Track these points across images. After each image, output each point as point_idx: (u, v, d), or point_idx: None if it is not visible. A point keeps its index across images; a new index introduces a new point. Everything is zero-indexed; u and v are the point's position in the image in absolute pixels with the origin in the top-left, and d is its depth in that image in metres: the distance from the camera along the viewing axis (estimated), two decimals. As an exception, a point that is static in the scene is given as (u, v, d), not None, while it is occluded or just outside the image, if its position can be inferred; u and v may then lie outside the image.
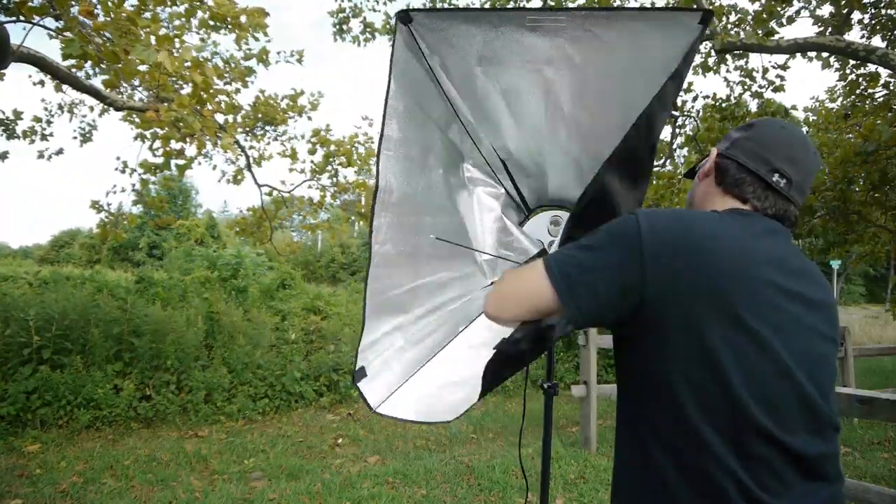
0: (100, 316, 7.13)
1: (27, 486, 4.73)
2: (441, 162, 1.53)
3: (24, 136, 8.88)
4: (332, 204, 10.78)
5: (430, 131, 1.46)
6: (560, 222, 1.69)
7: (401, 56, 1.33)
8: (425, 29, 1.33)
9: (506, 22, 1.29)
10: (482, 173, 1.61)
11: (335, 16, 9.91)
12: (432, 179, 1.53)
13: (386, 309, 1.48)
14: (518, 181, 1.66)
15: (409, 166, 1.43)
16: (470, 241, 1.63)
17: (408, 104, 1.38)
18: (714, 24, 7.15)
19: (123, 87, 7.28)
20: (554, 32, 1.27)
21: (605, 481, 4.97)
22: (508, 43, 1.31)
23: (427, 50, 1.35)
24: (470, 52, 1.35)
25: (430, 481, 4.96)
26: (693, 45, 1.21)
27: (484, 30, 1.30)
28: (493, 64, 1.36)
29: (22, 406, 6.09)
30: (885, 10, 7.72)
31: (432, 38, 1.34)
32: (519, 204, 1.71)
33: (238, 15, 5.76)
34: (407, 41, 1.33)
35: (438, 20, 1.32)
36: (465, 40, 1.33)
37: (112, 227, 8.24)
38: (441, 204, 1.56)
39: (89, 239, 31.32)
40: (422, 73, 1.38)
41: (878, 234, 9.95)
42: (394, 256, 1.43)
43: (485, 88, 1.41)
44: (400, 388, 1.51)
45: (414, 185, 1.46)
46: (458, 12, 1.34)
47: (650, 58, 1.25)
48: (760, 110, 8.23)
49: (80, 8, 4.66)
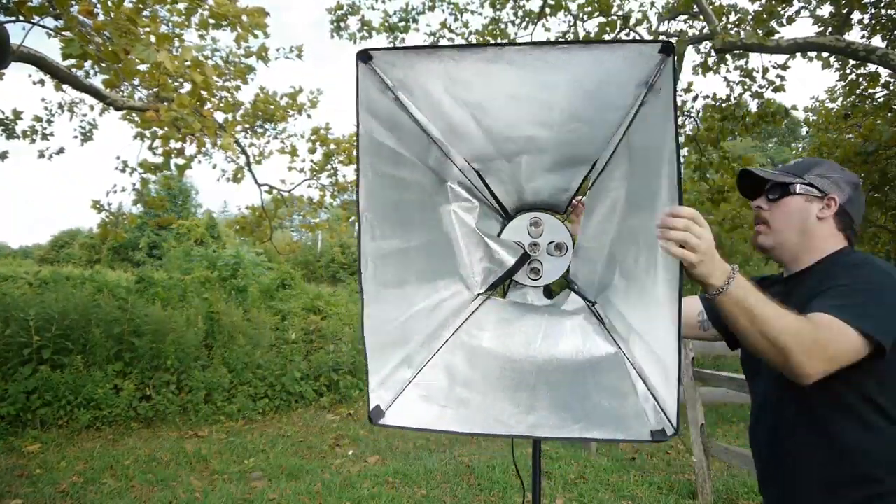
0: (100, 316, 7.13)
1: (27, 486, 4.73)
2: (421, 186, 1.55)
3: (24, 136, 8.87)
4: (331, 203, 10.78)
5: (406, 160, 1.48)
6: (540, 223, 1.71)
7: (365, 94, 1.35)
8: (387, 65, 1.35)
9: (466, 57, 1.32)
10: (461, 188, 1.63)
11: (333, 13, 9.92)
12: (413, 203, 1.55)
13: (388, 344, 1.49)
14: (495, 189, 1.68)
15: (389, 195, 1.45)
16: (455, 258, 1.65)
17: (381, 137, 1.41)
18: (714, 23, 7.15)
19: (124, 86, 7.27)
20: (516, 64, 1.30)
21: (605, 481, 4.97)
22: (472, 73, 1.34)
23: (391, 83, 1.38)
24: (434, 82, 1.38)
25: (430, 481, 4.96)
26: (657, 72, 1.24)
27: (445, 63, 1.33)
28: (458, 87, 1.39)
29: (22, 406, 6.09)
30: (885, 10, 7.72)
31: (395, 73, 1.36)
32: (498, 210, 1.72)
33: (238, 14, 5.76)
34: (370, 78, 1.36)
35: (399, 57, 1.35)
36: (427, 74, 1.36)
37: (112, 227, 8.23)
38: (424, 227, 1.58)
39: (89, 239, 31.28)
40: (389, 106, 1.41)
41: (878, 234, 9.95)
42: (383, 289, 1.44)
43: (452, 108, 1.44)
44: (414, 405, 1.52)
45: (396, 213, 1.48)
46: (418, 49, 1.35)
47: (616, 81, 1.29)
48: (760, 110, 8.23)
49: (79, 7, 4.66)
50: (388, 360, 1.50)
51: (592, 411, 1.40)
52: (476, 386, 1.54)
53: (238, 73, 8.24)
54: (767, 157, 39.67)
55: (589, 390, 1.46)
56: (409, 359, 1.55)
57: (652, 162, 1.26)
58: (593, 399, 1.43)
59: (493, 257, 1.70)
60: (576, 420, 1.39)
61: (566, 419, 1.40)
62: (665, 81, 1.21)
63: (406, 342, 1.54)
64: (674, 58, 1.22)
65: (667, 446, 6.00)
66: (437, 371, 1.57)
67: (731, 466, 5.05)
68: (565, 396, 1.47)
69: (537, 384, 1.51)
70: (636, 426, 1.32)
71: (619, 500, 4.63)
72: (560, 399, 1.47)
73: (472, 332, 1.66)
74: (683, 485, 4.88)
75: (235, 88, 8.57)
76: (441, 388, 1.54)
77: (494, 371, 1.56)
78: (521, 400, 1.48)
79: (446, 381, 1.55)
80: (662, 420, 1.28)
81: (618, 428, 1.34)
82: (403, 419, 1.48)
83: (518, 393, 1.50)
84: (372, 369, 1.46)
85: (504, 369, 1.56)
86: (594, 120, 1.42)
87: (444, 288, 1.63)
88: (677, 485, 4.89)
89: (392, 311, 1.49)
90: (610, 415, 1.37)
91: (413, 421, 1.49)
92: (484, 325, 1.67)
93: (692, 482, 4.75)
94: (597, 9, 8.62)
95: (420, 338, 1.57)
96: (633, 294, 1.43)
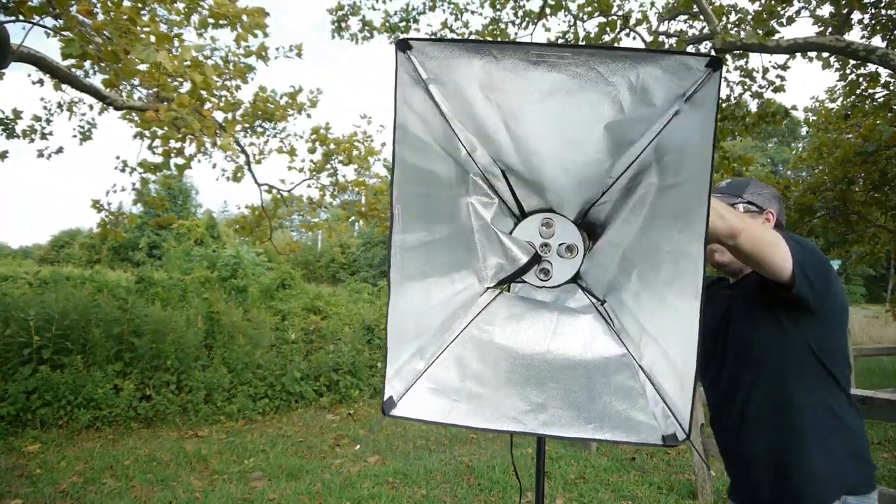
0: (100, 316, 7.13)
1: (27, 486, 4.73)
2: (446, 179, 1.54)
3: (24, 136, 8.86)
4: (331, 203, 10.78)
5: (435, 152, 1.47)
6: (552, 224, 1.69)
7: (403, 84, 1.34)
8: (425, 56, 1.33)
9: (507, 55, 1.29)
10: (483, 182, 1.63)
11: (334, 13, 9.93)
12: (439, 197, 1.55)
13: (406, 337, 1.49)
14: (516, 190, 1.67)
15: (417, 187, 1.45)
16: (471, 252, 1.65)
17: (414, 128, 1.39)
18: (714, 23, 7.15)
19: (123, 86, 7.27)
20: (556, 68, 1.28)
21: (605, 481, 4.97)
22: (509, 74, 1.32)
23: (426, 76, 1.36)
24: (470, 79, 1.35)
25: (430, 481, 4.96)
26: (697, 86, 1.21)
27: (485, 60, 1.31)
28: (493, 90, 1.37)
29: (22, 406, 6.09)
30: (885, 10, 7.72)
31: (432, 65, 1.34)
32: (514, 211, 1.72)
33: (238, 14, 5.76)
34: (407, 68, 1.34)
35: (438, 49, 1.32)
36: (465, 69, 1.33)
37: (112, 227, 8.22)
38: (447, 220, 1.58)
39: (89, 239, 31.31)
40: (423, 97, 1.39)
41: (877, 234, 9.95)
42: (408, 282, 1.44)
43: (483, 109, 1.42)
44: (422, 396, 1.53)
45: (423, 206, 1.48)
46: (459, 42, 1.33)
47: (656, 95, 1.26)
48: (760, 110, 8.23)
49: (79, 7, 4.65)
50: (403, 352, 1.50)
51: (603, 411, 1.39)
52: (487, 381, 1.53)
53: (238, 73, 8.24)
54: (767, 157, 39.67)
55: (600, 390, 1.45)
56: (421, 351, 1.55)
57: (681, 174, 1.25)
58: (604, 399, 1.43)
59: (507, 254, 1.69)
60: (587, 420, 1.39)
61: (577, 418, 1.40)
62: (707, 94, 1.19)
63: (421, 334, 1.54)
64: (720, 73, 1.18)
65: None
66: (448, 364, 1.57)
67: (731, 466, 5.04)
68: (575, 395, 1.47)
69: (547, 381, 1.50)
70: (647, 430, 1.32)
71: (619, 500, 4.63)
72: (570, 397, 1.47)
73: (484, 326, 1.65)
74: (683, 485, 4.88)
75: (235, 88, 8.58)
76: (452, 382, 1.54)
77: (505, 366, 1.56)
78: (532, 396, 1.48)
79: (457, 375, 1.55)
80: (673, 425, 1.27)
81: (629, 430, 1.34)
82: (414, 411, 1.48)
83: (528, 389, 1.50)
84: (390, 360, 1.46)
85: (514, 365, 1.56)
86: (627, 138, 1.40)
87: (458, 281, 1.63)
88: (677, 485, 4.89)
89: (412, 304, 1.48)
90: (621, 416, 1.37)
91: (424, 413, 1.48)
92: (495, 319, 1.66)
93: (692, 482, 4.75)
94: (597, 9, 8.63)
95: (433, 330, 1.57)
96: (650, 299, 1.43)
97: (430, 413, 1.48)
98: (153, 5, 5.65)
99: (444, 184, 1.54)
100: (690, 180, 1.22)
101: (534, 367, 1.55)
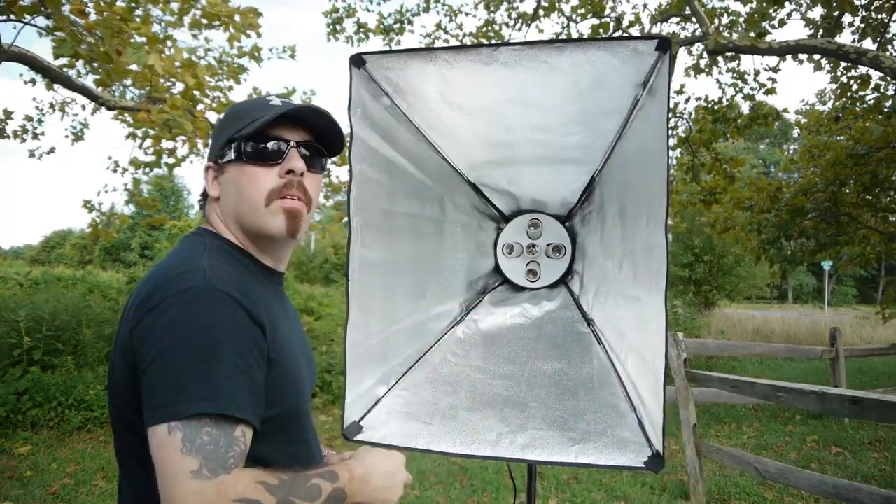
0: (91, 316, 7.09)
1: (18, 489, 4.70)
2: (414, 197, 1.53)
3: (15, 136, 8.79)
4: (324, 204, 10.75)
5: (399, 169, 1.47)
6: (539, 224, 1.67)
7: (359, 99, 1.34)
8: (380, 69, 1.34)
9: (461, 59, 1.30)
10: (457, 199, 1.61)
11: (329, 16, 9.93)
12: (405, 216, 1.52)
13: (369, 359, 1.43)
14: (491, 197, 1.66)
15: (380, 204, 1.44)
16: (444, 274, 1.62)
17: (374, 144, 1.39)
18: (706, 25, 7.19)
19: (115, 86, 7.23)
20: (510, 65, 1.28)
21: (598, 482, 4.98)
22: (465, 77, 1.33)
23: (384, 88, 1.36)
24: (428, 87, 1.36)
25: (424, 482, 4.96)
26: (654, 71, 1.22)
27: (440, 66, 1.31)
28: (453, 94, 1.37)
29: (12, 407, 6.04)
30: (875, 13, 7.78)
31: (388, 76, 1.35)
32: (494, 215, 1.70)
33: (231, 14, 5.75)
34: (364, 83, 1.34)
35: (392, 60, 1.33)
36: (421, 77, 1.34)
37: (104, 227, 8.17)
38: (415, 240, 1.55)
39: (81, 239, 31.16)
40: (383, 112, 1.39)
41: (868, 235, 10.01)
42: (369, 301, 1.42)
43: (447, 112, 1.42)
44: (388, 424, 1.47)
45: (386, 223, 1.46)
46: (412, 52, 1.34)
47: (612, 81, 1.27)
48: (752, 112, 8.29)
49: (71, 7, 4.63)
50: (367, 376, 1.44)
51: (587, 430, 1.34)
52: (462, 403, 1.48)
53: (231, 73, 8.21)
54: (759, 159, 39.88)
55: (583, 407, 1.40)
56: (390, 375, 1.49)
57: (644, 167, 1.25)
58: (587, 416, 1.38)
59: (485, 272, 1.67)
60: (571, 441, 1.34)
61: (560, 439, 1.35)
62: (661, 82, 1.19)
63: (389, 358, 1.49)
64: (670, 54, 1.19)
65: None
66: (419, 385, 1.52)
67: (724, 467, 5.07)
68: (558, 414, 1.41)
69: (528, 401, 1.45)
70: (633, 448, 1.27)
71: (611, 500, 4.64)
72: (551, 417, 1.41)
73: (457, 350, 1.61)
74: (676, 485, 4.90)
75: (228, 88, 8.54)
76: (423, 404, 1.48)
77: (481, 387, 1.52)
78: (511, 417, 1.42)
79: (430, 396, 1.50)
80: (657, 440, 1.22)
81: (614, 450, 1.29)
82: (380, 435, 1.41)
83: (507, 410, 1.44)
84: (350, 383, 1.39)
85: (492, 385, 1.52)
86: (591, 123, 1.39)
87: (431, 305, 1.59)
88: (670, 485, 4.91)
89: (376, 325, 1.44)
90: (606, 434, 1.32)
91: (392, 438, 1.40)
92: (471, 340, 1.63)
93: (684, 482, 4.77)
94: (590, 10, 8.66)
95: (403, 354, 1.52)
96: (629, 306, 1.39)
97: (399, 437, 1.40)
98: (147, 6, 5.62)
99: (411, 202, 1.52)
100: (653, 171, 1.21)
101: (512, 386, 1.50)
